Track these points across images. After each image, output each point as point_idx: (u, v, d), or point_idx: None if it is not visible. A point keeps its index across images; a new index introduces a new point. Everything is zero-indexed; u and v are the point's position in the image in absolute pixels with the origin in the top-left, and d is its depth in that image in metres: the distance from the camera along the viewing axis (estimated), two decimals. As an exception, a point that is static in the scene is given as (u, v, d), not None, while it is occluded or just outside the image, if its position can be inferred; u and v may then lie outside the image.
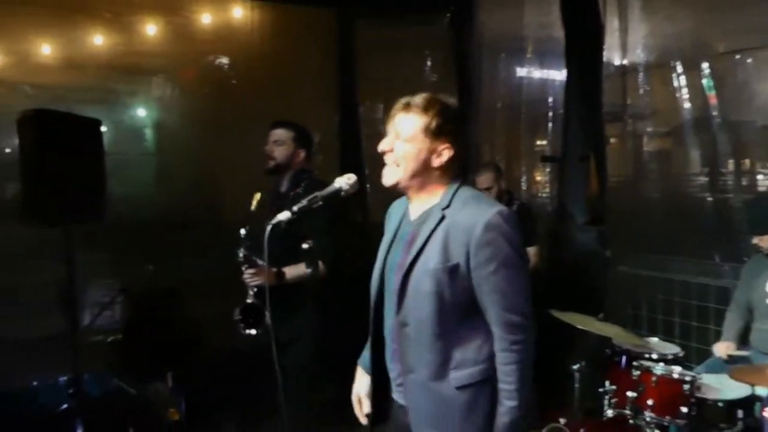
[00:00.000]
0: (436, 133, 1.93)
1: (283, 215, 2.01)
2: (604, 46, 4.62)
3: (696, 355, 4.25)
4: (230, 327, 3.14)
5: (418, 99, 1.95)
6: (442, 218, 1.91)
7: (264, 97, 4.82)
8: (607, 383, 3.42)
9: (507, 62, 6.25)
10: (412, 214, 2.04)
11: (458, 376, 1.90)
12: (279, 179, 3.35)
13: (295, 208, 2.04)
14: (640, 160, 5.69)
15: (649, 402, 3.13)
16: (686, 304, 4.60)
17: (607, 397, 3.39)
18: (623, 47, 5.31)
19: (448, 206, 1.92)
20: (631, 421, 3.24)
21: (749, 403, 3.15)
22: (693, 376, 3.11)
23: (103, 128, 3.50)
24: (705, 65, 4.80)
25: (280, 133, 3.31)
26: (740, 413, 3.11)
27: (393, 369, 2.06)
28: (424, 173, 1.95)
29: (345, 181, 2.03)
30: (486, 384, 1.91)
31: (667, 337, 4.09)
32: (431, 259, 1.89)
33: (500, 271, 1.84)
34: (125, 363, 4.37)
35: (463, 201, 1.92)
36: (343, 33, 5.32)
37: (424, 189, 1.98)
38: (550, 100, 5.99)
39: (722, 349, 3.61)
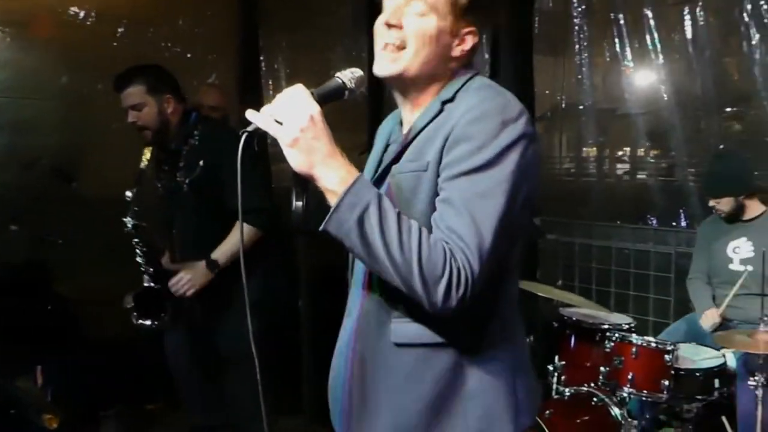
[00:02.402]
0: (464, 10, 1.35)
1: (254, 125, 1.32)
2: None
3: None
4: (117, 308, 2.71)
5: None
6: (440, 112, 1.34)
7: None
8: (556, 359, 3.15)
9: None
10: (404, 125, 1.44)
11: (400, 329, 1.34)
12: (164, 138, 2.70)
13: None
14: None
15: (629, 376, 2.84)
16: (623, 272, 4.45)
17: (556, 374, 3.11)
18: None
19: (451, 99, 1.34)
20: (594, 399, 2.96)
21: (724, 372, 2.97)
22: (674, 345, 2.86)
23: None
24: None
25: (129, 94, 2.61)
26: (716, 383, 2.92)
27: None
28: (437, 64, 1.36)
29: (349, 75, 1.34)
30: (442, 352, 1.32)
31: (605, 308, 3.89)
32: (402, 162, 1.36)
33: (474, 177, 1.23)
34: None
35: (474, 90, 1.34)
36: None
37: (430, 88, 1.38)
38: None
39: (712, 315, 3.32)
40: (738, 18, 4.01)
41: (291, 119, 1.22)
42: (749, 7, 3.95)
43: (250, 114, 1.27)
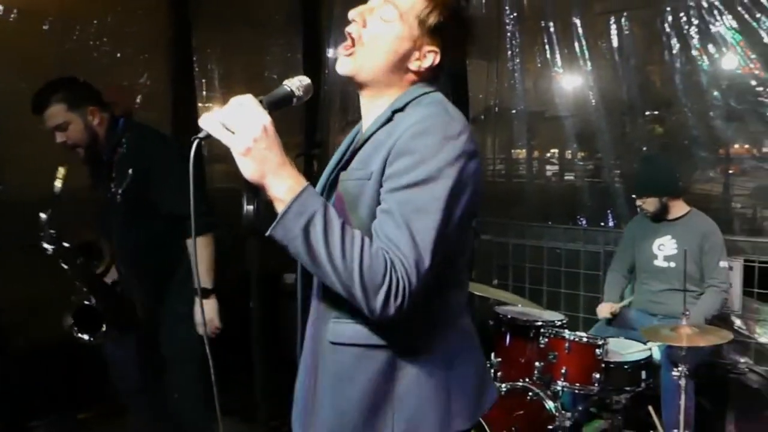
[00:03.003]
0: (431, 29, 1.39)
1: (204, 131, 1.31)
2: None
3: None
4: (46, 315, 2.70)
5: None
6: (388, 120, 1.38)
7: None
8: (492, 356, 3.23)
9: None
10: (364, 127, 1.48)
11: (338, 329, 1.38)
12: (96, 151, 2.60)
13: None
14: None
15: (563, 370, 2.94)
16: (555, 270, 4.58)
17: (493, 371, 3.19)
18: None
19: (401, 109, 1.38)
20: (530, 394, 3.05)
21: (650, 364, 3.12)
22: (603, 340, 2.98)
23: None
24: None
25: (51, 115, 2.48)
26: (643, 374, 3.06)
27: None
28: (391, 71, 1.40)
29: (297, 83, 1.37)
30: (376, 353, 1.36)
31: (538, 305, 4.01)
32: (350, 170, 1.40)
33: (414, 191, 1.26)
34: None
35: (424, 105, 1.37)
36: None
37: (384, 95, 1.42)
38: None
39: (606, 309, 3.54)
40: (660, 29, 4.21)
41: (244, 129, 1.24)
42: (670, 18, 4.15)
43: (203, 121, 1.28)
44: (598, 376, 2.92)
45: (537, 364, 3.03)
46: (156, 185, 2.45)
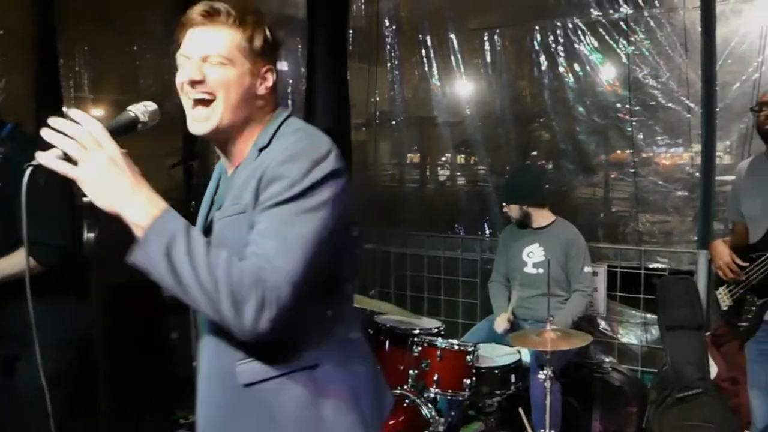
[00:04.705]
0: (259, 52, 1.41)
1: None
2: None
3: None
4: None
5: (224, 6, 1.39)
6: (257, 158, 1.40)
7: None
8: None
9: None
10: (229, 170, 1.49)
11: (247, 369, 1.37)
12: None
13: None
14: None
15: (435, 377, 3.00)
16: (435, 278, 4.68)
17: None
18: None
19: (267, 145, 1.40)
20: (406, 401, 3.10)
21: (520, 367, 3.24)
22: (474, 346, 3.07)
23: None
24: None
25: None
26: (513, 378, 3.17)
27: None
28: (247, 106, 1.41)
29: (141, 109, 1.35)
30: (293, 380, 1.36)
31: (418, 313, 4.08)
32: (224, 207, 1.40)
33: (284, 208, 1.28)
34: None
35: (287, 135, 1.40)
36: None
37: (245, 133, 1.43)
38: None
39: (502, 321, 3.57)
40: (530, 46, 4.43)
41: (89, 161, 1.22)
42: (539, 37, 4.38)
43: (40, 155, 1.23)
44: (469, 381, 3.01)
45: (411, 372, 3.08)
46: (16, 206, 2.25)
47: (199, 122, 1.39)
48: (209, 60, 1.37)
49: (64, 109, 4.26)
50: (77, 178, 1.22)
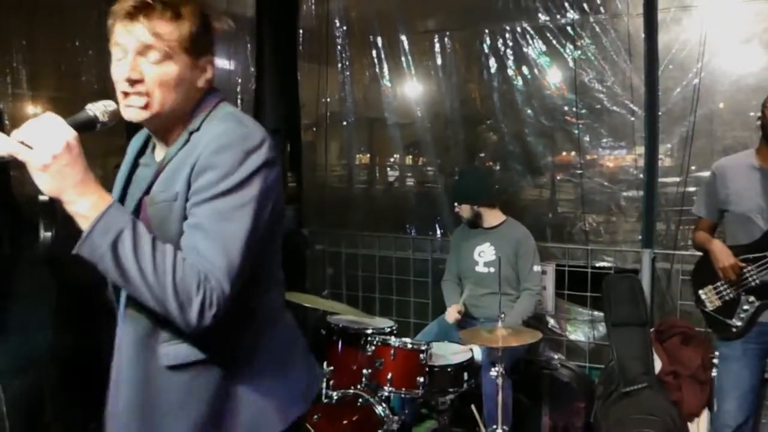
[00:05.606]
0: (196, 45, 1.38)
1: None
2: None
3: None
4: None
5: None
6: (187, 142, 1.39)
7: None
8: (324, 365, 3.25)
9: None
10: (158, 154, 1.47)
11: (171, 351, 1.37)
12: None
13: None
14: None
15: (389, 376, 3.00)
16: (387, 278, 4.68)
17: (325, 379, 3.21)
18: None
19: (197, 129, 1.39)
20: (360, 401, 3.09)
21: (472, 365, 3.27)
22: (427, 345, 3.09)
23: None
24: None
25: None
26: (465, 375, 3.20)
27: None
28: (185, 100, 1.40)
29: (101, 108, 1.33)
30: (211, 368, 1.38)
31: (370, 313, 4.07)
32: (154, 193, 1.39)
33: (220, 202, 1.29)
34: None
35: (218, 119, 1.40)
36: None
37: (179, 120, 1.41)
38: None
39: (453, 312, 3.64)
40: (479, 49, 4.49)
41: (44, 145, 1.21)
42: (488, 41, 4.44)
43: None
44: (422, 380, 3.02)
45: (365, 371, 3.08)
46: None
47: (133, 112, 1.36)
48: (147, 56, 1.33)
49: (1, 105, 4.10)
50: (28, 161, 1.21)
